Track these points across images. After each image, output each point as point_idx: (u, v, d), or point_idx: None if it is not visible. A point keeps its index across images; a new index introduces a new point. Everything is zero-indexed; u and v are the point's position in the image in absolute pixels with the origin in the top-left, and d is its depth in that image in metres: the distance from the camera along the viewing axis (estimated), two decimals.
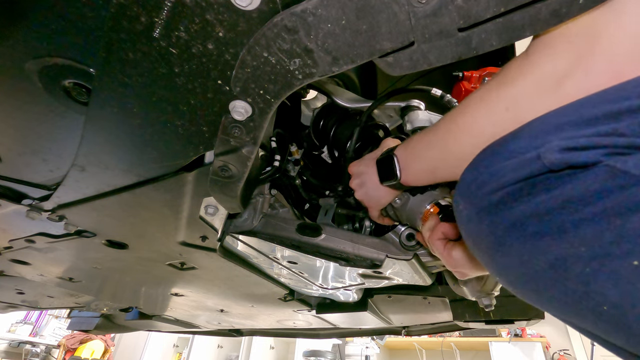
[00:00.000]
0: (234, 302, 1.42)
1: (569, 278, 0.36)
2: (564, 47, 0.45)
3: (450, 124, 0.61)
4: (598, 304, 0.34)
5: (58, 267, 1.12)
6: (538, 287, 0.40)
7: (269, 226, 0.89)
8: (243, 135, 0.54)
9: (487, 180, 0.44)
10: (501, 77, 0.52)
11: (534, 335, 4.10)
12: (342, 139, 1.01)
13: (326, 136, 1.06)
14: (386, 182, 0.74)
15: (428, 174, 0.67)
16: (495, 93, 0.52)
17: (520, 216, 0.40)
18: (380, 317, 1.52)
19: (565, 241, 0.36)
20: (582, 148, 0.36)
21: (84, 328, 1.98)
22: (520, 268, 0.41)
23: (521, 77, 0.49)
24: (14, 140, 0.64)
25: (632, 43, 0.41)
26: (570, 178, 0.37)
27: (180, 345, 5.09)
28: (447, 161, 0.62)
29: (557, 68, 0.45)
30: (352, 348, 4.37)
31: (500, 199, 0.42)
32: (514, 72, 0.50)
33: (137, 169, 0.65)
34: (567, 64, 0.45)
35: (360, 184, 0.82)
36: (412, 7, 0.39)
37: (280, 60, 0.44)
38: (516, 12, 0.40)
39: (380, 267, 0.84)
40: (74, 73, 0.52)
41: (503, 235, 0.41)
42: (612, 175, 0.34)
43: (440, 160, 0.64)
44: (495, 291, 0.82)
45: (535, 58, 0.48)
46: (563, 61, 0.45)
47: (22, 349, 4.74)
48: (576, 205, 0.36)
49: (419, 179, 0.70)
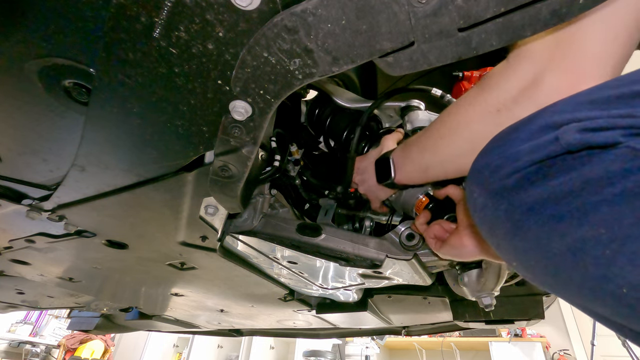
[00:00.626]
0: (234, 302, 1.42)
1: (588, 261, 0.36)
2: (540, 52, 0.50)
3: (441, 128, 0.66)
4: (618, 287, 0.34)
5: (58, 267, 1.12)
6: (557, 271, 0.39)
7: (269, 226, 0.89)
8: (243, 135, 0.54)
9: (501, 164, 0.43)
10: (486, 82, 0.57)
11: (534, 335, 4.10)
12: (338, 129, 1.02)
13: (321, 126, 1.07)
14: (382, 182, 0.81)
15: (420, 174, 0.73)
16: (482, 97, 0.57)
17: (538, 199, 0.39)
18: (380, 317, 1.52)
19: (584, 224, 0.36)
20: (600, 129, 0.36)
21: (84, 328, 1.98)
22: (539, 252, 0.40)
23: (503, 80, 0.54)
24: (14, 140, 0.64)
25: (597, 49, 0.47)
26: (589, 159, 0.36)
27: (180, 345, 5.09)
28: (439, 162, 0.68)
29: (535, 70, 0.51)
30: (352, 348, 4.37)
31: (516, 182, 0.41)
32: (497, 77, 0.55)
33: (137, 169, 0.65)
34: (543, 65, 0.50)
35: (363, 180, 0.90)
36: (412, 7, 0.39)
37: (280, 60, 0.44)
38: (516, 12, 0.40)
39: (380, 267, 0.84)
40: (74, 73, 0.52)
41: (520, 219, 0.41)
42: (632, 156, 0.34)
43: (432, 161, 0.69)
44: (496, 291, 0.82)
45: (514, 62, 0.53)
46: (539, 64, 0.51)
47: (22, 349, 4.74)
48: (595, 187, 0.35)
49: (412, 179, 0.77)
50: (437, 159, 0.68)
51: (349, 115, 1.01)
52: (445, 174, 0.69)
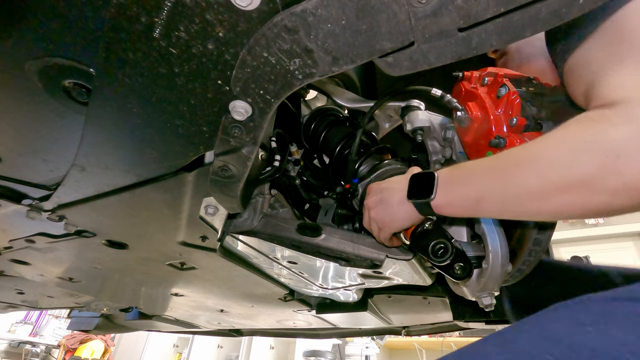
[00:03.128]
0: (234, 302, 1.42)
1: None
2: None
3: (521, 152, 0.55)
4: None
5: (58, 267, 1.12)
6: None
7: (269, 226, 0.89)
8: (243, 135, 0.54)
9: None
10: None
11: None
12: (332, 143, 1.01)
13: (316, 141, 1.06)
14: (414, 199, 0.66)
15: (470, 203, 0.59)
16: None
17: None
18: (380, 317, 1.52)
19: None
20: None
21: (84, 328, 1.98)
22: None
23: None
24: (14, 141, 0.64)
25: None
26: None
27: (180, 345, 5.09)
28: (502, 193, 0.55)
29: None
30: (352, 348, 4.37)
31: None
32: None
33: (137, 169, 0.65)
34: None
35: (378, 201, 0.75)
36: (412, 7, 0.39)
37: (280, 60, 0.44)
38: (516, 12, 0.40)
39: (380, 267, 0.84)
40: (74, 73, 0.52)
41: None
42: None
43: (494, 190, 0.55)
44: (496, 291, 0.82)
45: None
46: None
47: (22, 349, 4.74)
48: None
49: (456, 207, 0.62)
50: (503, 186, 0.54)
51: (343, 130, 1.01)
52: (502, 211, 0.57)
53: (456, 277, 0.69)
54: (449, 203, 0.62)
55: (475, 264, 0.82)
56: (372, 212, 0.76)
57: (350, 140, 0.97)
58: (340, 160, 0.99)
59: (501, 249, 0.73)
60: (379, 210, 0.74)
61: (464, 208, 0.61)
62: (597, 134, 0.47)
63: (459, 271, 0.68)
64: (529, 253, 0.74)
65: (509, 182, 0.54)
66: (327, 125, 1.04)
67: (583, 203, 0.48)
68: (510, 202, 0.54)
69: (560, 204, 0.49)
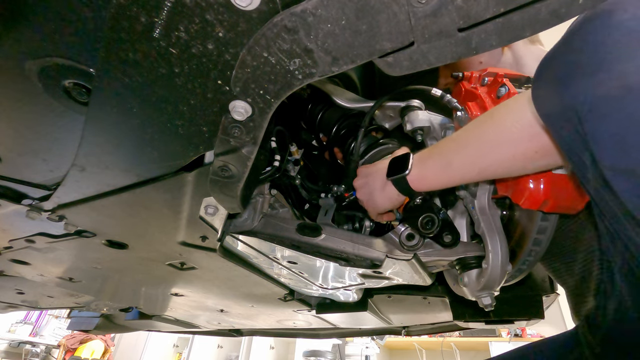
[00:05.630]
0: (234, 302, 1.42)
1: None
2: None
3: (481, 117, 0.63)
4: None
5: (58, 267, 1.12)
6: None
7: (269, 226, 0.89)
8: (243, 135, 0.54)
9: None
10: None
11: (533, 335, 4.10)
12: (329, 123, 1.05)
13: (312, 122, 1.09)
14: (392, 177, 0.75)
15: (441, 170, 0.67)
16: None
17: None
18: (380, 317, 1.52)
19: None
20: None
21: (84, 328, 1.98)
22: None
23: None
24: (14, 141, 0.64)
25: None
26: None
27: (180, 345, 5.09)
28: (466, 150, 0.63)
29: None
30: (352, 348, 4.37)
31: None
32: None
33: (137, 169, 0.65)
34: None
35: (364, 184, 0.85)
36: (412, 7, 0.39)
37: (280, 60, 0.44)
38: (516, 12, 0.40)
39: (380, 267, 0.84)
40: (74, 73, 0.52)
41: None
42: None
43: (460, 151, 0.64)
44: (495, 291, 0.82)
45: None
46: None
47: (22, 349, 4.74)
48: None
49: (429, 179, 0.70)
50: (465, 148, 0.63)
51: (340, 110, 1.03)
52: (470, 170, 0.64)
53: (446, 245, 0.78)
54: (423, 176, 0.71)
55: (475, 264, 0.82)
56: (358, 193, 0.88)
57: (346, 121, 1.02)
58: (336, 140, 1.03)
59: (501, 249, 0.74)
60: (364, 194, 0.86)
61: (436, 176, 0.70)
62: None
63: (447, 239, 0.77)
64: (529, 253, 0.74)
65: (470, 139, 0.62)
66: (323, 106, 1.07)
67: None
68: (474, 156, 0.62)
69: (512, 152, 0.57)
